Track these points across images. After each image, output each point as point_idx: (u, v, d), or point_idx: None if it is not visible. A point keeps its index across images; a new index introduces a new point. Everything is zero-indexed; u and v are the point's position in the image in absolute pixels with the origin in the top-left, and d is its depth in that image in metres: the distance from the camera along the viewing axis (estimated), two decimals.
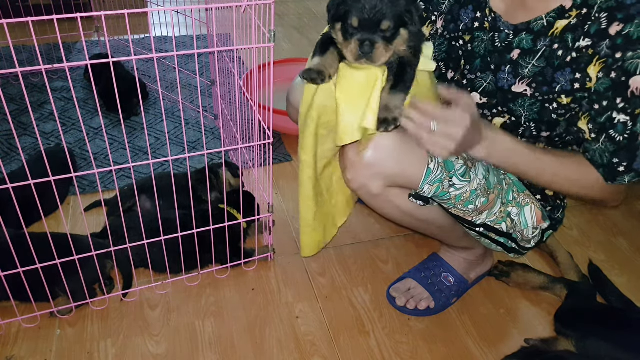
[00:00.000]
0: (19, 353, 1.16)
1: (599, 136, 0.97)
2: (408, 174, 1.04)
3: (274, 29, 1.08)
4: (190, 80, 2.25)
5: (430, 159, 1.04)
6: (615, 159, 0.97)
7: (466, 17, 1.11)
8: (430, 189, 1.05)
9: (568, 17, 0.97)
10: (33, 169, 1.14)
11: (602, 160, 0.99)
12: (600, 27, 0.92)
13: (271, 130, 1.23)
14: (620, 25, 0.89)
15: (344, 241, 1.51)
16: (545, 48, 1.00)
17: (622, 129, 0.94)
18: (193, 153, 1.46)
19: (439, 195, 1.07)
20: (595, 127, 0.97)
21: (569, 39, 0.97)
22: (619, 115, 0.93)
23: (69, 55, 2.41)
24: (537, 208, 1.15)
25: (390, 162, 1.03)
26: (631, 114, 0.92)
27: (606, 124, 0.95)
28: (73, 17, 0.90)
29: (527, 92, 1.04)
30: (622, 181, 0.99)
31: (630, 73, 0.90)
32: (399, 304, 1.30)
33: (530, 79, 1.03)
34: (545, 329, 1.28)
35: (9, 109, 1.97)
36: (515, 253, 1.23)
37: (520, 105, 1.06)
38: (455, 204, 1.09)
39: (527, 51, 1.03)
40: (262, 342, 1.21)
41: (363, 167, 1.04)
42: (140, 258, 1.30)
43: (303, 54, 2.57)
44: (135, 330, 1.22)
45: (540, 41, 1.01)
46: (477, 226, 1.15)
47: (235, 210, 1.36)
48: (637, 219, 1.67)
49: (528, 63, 1.03)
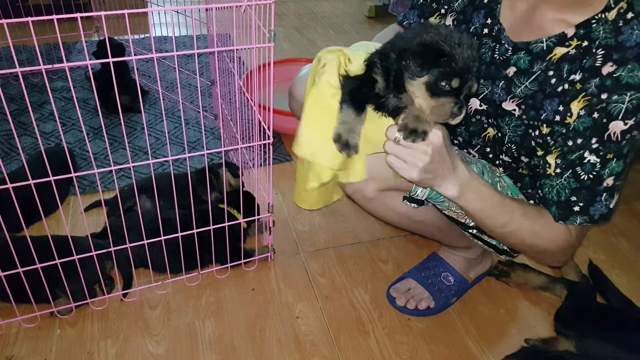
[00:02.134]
0: (19, 353, 1.16)
1: (564, 172, 0.94)
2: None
3: (274, 29, 1.08)
4: (190, 80, 2.25)
5: None
6: (573, 197, 0.94)
7: (477, 21, 1.09)
8: (423, 191, 1.06)
9: (568, 45, 0.94)
10: (33, 169, 1.14)
11: (559, 198, 0.95)
12: (595, 64, 0.89)
13: (271, 130, 1.23)
14: (614, 66, 0.87)
15: (344, 241, 1.51)
16: (540, 72, 0.98)
17: (590, 169, 0.91)
18: (193, 153, 1.46)
19: (433, 198, 1.08)
20: (563, 163, 0.94)
21: (564, 69, 0.94)
22: (590, 156, 0.91)
23: (69, 55, 2.41)
24: None
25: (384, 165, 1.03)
26: (602, 157, 0.90)
27: (575, 161, 0.92)
28: (73, 17, 0.90)
29: (515, 112, 1.02)
30: (573, 222, 0.95)
31: (612, 116, 0.87)
32: (399, 304, 1.30)
33: (520, 99, 1.01)
34: (545, 329, 1.28)
35: (9, 109, 1.97)
36: (506, 254, 1.24)
37: (506, 124, 1.05)
38: (449, 205, 1.09)
39: (522, 71, 1.01)
40: (262, 342, 1.21)
41: None
42: (140, 258, 1.31)
43: (303, 54, 2.57)
44: (135, 330, 1.22)
45: (536, 64, 0.99)
46: (470, 228, 1.15)
47: (235, 210, 1.36)
48: (637, 219, 1.67)
49: (522, 83, 1.01)
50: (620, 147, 0.89)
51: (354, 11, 3.20)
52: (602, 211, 0.94)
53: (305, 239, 1.51)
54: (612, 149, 0.89)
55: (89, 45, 2.47)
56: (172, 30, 1.57)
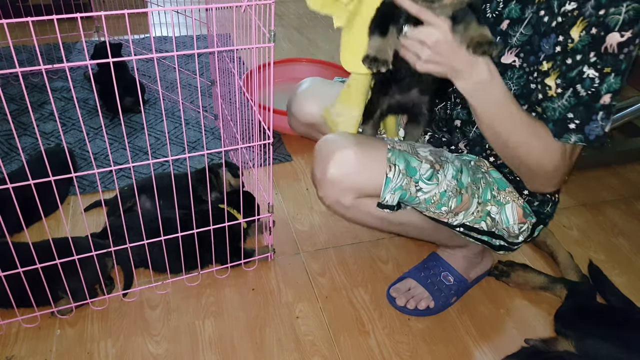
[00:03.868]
0: (19, 353, 1.16)
1: (565, 91, 0.94)
2: (372, 183, 1.06)
3: (274, 29, 1.08)
4: (190, 80, 2.25)
5: (389, 167, 1.05)
6: (570, 114, 0.94)
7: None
8: (392, 197, 1.07)
9: None
10: (33, 168, 1.14)
11: (557, 116, 0.96)
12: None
13: (271, 130, 1.23)
14: None
15: (344, 241, 1.51)
16: (532, 15, 0.99)
17: (589, 84, 0.91)
18: (193, 153, 1.46)
19: (409, 200, 1.08)
20: (564, 82, 0.94)
21: (554, 4, 0.95)
22: (589, 70, 0.91)
23: (69, 55, 2.41)
24: (519, 206, 1.13)
25: (354, 174, 1.06)
26: (600, 70, 0.90)
27: (575, 78, 0.92)
28: (73, 17, 0.90)
29: (515, 62, 1.03)
30: (567, 139, 0.95)
31: (609, 28, 0.87)
32: (399, 303, 1.30)
33: (518, 48, 1.02)
34: (545, 329, 1.28)
35: (9, 109, 1.97)
36: (503, 250, 1.22)
37: (509, 78, 1.05)
38: (426, 207, 1.09)
39: (515, 20, 1.01)
40: (262, 342, 1.21)
41: (329, 184, 1.07)
42: (140, 258, 1.31)
43: (303, 54, 2.58)
44: (135, 330, 1.22)
45: (527, 9, 1.00)
46: (456, 227, 1.15)
47: (235, 210, 1.36)
48: (637, 219, 1.67)
49: (516, 32, 1.02)
50: (618, 61, 0.89)
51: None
52: (598, 132, 0.94)
53: (305, 239, 1.51)
54: (609, 62, 0.89)
55: (89, 46, 2.47)
56: (172, 31, 1.57)
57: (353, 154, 1.06)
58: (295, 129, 1.38)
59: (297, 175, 1.76)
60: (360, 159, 1.06)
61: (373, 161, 1.06)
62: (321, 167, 1.08)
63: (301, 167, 1.80)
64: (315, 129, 1.32)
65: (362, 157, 1.06)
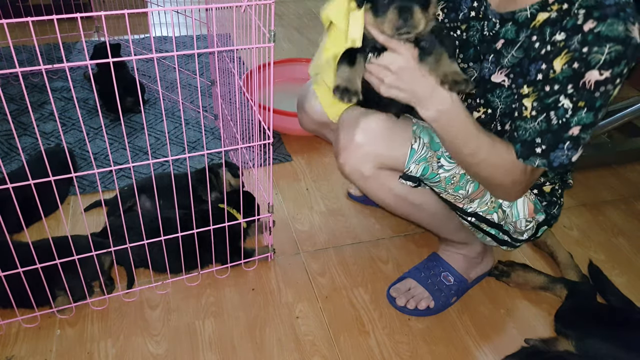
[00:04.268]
0: (19, 353, 1.16)
1: (539, 115, 0.96)
2: (395, 154, 1.08)
3: (274, 29, 1.08)
4: (190, 80, 2.25)
5: (414, 139, 1.07)
6: (538, 139, 0.97)
7: (465, 6, 1.12)
8: (416, 167, 1.08)
9: (549, 10, 0.97)
10: (33, 168, 1.14)
11: (527, 137, 0.98)
12: (576, 23, 0.92)
13: (271, 130, 1.23)
14: (595, 22, 0.89)
15: (344, 241, 1.51)
16: (525, 39, 1.01)
17: (562, 113, 0.94)
18: (193, 153, 1.46)
19: (429, 178, 1.10)
20: (539, 106, 0.96)
21: (547, 32, 0.97)
22: (565, 100, 0.93)
23: (69, 55, 2.41)
24: (530, 201, 1.16)
25: (379, 142, 1.08)
26: (575, 103, 0.92)
27: (551, 104, 0.95)
28: (73, 17, 0.90)
29: (505, 82, 1.05)
30: (532, 162, 0.99)
31: (590, 65, 0.90)
32: (399, 304, 1.30)
33: (508, 69, 1.04)
34: (545, 329, 1.28)
35: (10, 109, 1.97)
36: (507, 246, 1.24)
37: (497, 96, 1.07)
38: (445, 187, 1.10)
39: (509, 41, 1.03)
40: (262, 342, 1.21)
41: (354, 149, 1.08)
42: (140, 258, 1.31)
43: (303, 54, 2.57)
44: (135, 330, 1.22)
45: (522, 32, 1.01)
46: (469, 215, 1.16)
47: (235, 210, 1.36)
48: (637, 219, 1.67)
49: (509, 53, 1.04)
50: (593, 98, 0.91)
51: None
52: (562, 160, 0.97)
53: (305, 239, 1.51)
54: (584, 97, 0.91)
55: (89, 46, 2.47)
56: (172, 30, 1.57)
57: (381, 122, 1.07)
58: (306, 127, 1.38)
59: (297, 175, 1.76)
60: (388, 127, 1.08)
61: (399, 131, 1.08)
62: (348, 133, 1.09)
63: (301, 167, 1.80)
64: (327, 127, 1.32)
65: (389, 126, 1.08)
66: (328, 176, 1.76)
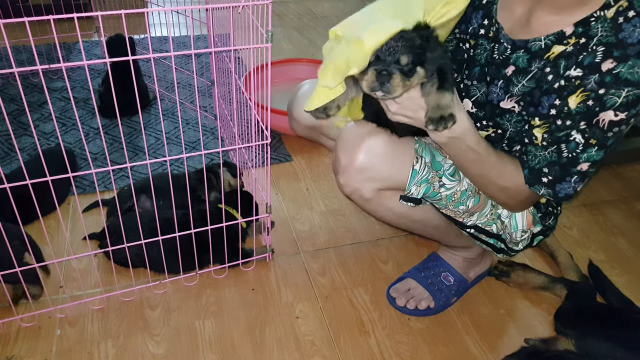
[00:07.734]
0: (19, 353, 1.16)
1: (549, 146, 0.96)
2: (397, 177, 1.06)
3: (271, 30, 1.08)
4: (190, 81, 2.25)
5: (416, 158, 1.05)
6: (545, 169, 0.97)
7: (475, 21, 1.08)
8: (417, 189, 1.07)
9: (566, 43, 0.94)
10: (33, 168, 1.14)
11: (536, 164, 0.99)
12: (594, 60, 0.89)
13: (269, 130, 1.23)
14: (614, 63, 0.87)
15: (344, 241, 1.51)
16: (537, 70, 0.98)
17: (574, 147, 0.93)
18: (191, 153, 1.46)
19: (430, 196, 1.09)
20: (550, 138, 0.96)
21: (561, 65, 0.94)
22: (576, 134, 0.92)
23: (70, 56, 2.41)
24: (529, 212, 1.15)
25: (382, 165, 1.05)
26: (586, 139, 0.92)
27: (562, 138, 0.94)
28: (73, 17, 0.90)
29: (515, 108, 1.03)
30: (537, 190, 1.00)
31: (606, 106, 0.88)
32: (399, 304, 1.30)
33: (519, 97, 1.02)
34: (545, 329, 1.28)
35: (10, 109, 1.97)
36: (503, 253, 1.24)
37: (507, 120, 1.05)
38: (446, 204, 1.10)
39: (520, 70, 1.00)
40: (262, 342, 1.21)
41: (355, 172, 1.06)
42: (139, 258, 1.30)
43: (303, 54, 2.57)
44: (135, 330, 1.22)
45: (534, 62, 0.98)
46: (468, 227, 1.15)
47: (234, 210, 1.36)
48: (637, 219, 1.67)
49: (519, 82, 1.01)
50: (606, 137, 0.91)
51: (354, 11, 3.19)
52: (568, 191, 0.98)
53: (305, 239, 1.51)
54: (597, 136, 0.91)
55: (90, 45, 2.47)
56: (170, 30, 1.57)
57: (383, 142, 1.05)
58: (297, 131, 1.38)
59: (297, 175, 1.76)
60: (390, 148, 1.05)
61: (401, 152, 1.06)
62: (348, 154, 1.06)
63: (301, 167, 1.80)
64: (318, 131, 1.32)
65: (391, 147, 1.05)
66: (328, 176, 1.76)
